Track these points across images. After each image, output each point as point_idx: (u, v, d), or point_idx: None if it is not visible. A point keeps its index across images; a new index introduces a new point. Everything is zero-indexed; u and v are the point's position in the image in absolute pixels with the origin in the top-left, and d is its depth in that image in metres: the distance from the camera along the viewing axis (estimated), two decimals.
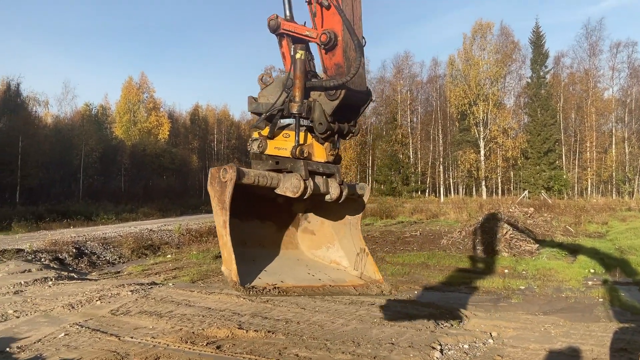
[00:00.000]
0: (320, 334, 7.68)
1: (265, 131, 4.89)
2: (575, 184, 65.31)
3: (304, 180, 4.54)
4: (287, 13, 5.18)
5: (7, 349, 7.27)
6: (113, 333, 7.87)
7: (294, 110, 4.74)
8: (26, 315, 9.25)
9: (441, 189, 68.76)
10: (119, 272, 16.04)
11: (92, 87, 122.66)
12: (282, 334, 7.69)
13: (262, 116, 5.01)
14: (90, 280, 13.70)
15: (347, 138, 5.18)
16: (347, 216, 5.49)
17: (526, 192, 55.28)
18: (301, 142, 4.75)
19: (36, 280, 12.75)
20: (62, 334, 7.82)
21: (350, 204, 5.34)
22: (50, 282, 12.65)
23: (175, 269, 15.67)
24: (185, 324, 8.40)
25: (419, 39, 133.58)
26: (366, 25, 5.06)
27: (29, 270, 14.34)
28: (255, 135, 4.98)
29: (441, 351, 6.81)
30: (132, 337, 7.64)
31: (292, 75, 4.82)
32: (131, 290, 11.20)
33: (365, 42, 4.91)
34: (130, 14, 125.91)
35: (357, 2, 4.96)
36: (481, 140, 63.71)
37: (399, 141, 72.31)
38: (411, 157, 73.66)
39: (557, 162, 65.19)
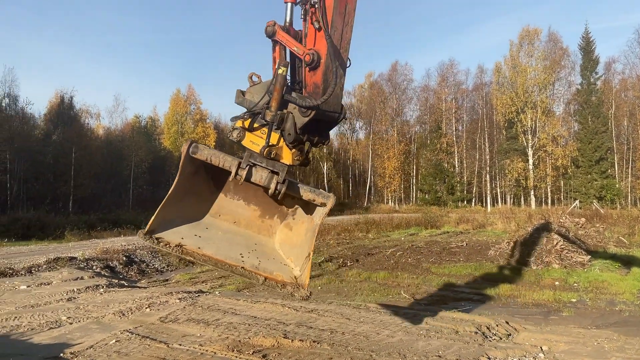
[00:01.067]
0: (366, 344, 7.63)
1: (247, 123, 5.39)
2: (629, 193, 62.98)
3: (239, 168, 5.16)
4: (288, 19, 5.60)
5: (61, 355, 7.50)
6: (162, 340, 8.03)
7: (268, 118, 5.26)
8: (79, 321, 9.53)
9: (488, 198, 67.47)
10: (167, 280, 16.38)
11: (142, 99, 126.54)
12: (328, 344, 7.68)
13: (245, 112, 5.50)
14: (139, 287, 14.02)
15: (317, 146, 5.75)
16: (310, 222, 5.76)
17: (577, 201, 53.62)
18: (273, 143, 5.30)
19: (88, 287, 13.14)
20: (113, 341, 8.02)
21: (314, 209, 5.68)
22: (102, 290, 13.01)
23: (221, 277, 15.87)
24: (232, 332, 8.49)
25: (464, 46, 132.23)
26: (409, 34, 5.25)
27: (82, 278, 14.80)
28: (238, 124, 5.44)
29: None
30: (180, 345, 7.77)
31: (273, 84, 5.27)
32: (179, 298, 11.42)
33: (350, 64, 5.43)
34: (177, 29, 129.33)
35: (348, 28, 5.39)
36: (529, 148, 62.30)
37: (444, 150, 71.49)
38: (456, 166, 72.69)
39: (609, 170, 63.00)
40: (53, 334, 8.73)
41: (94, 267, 17.29)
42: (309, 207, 5.75)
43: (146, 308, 10.47)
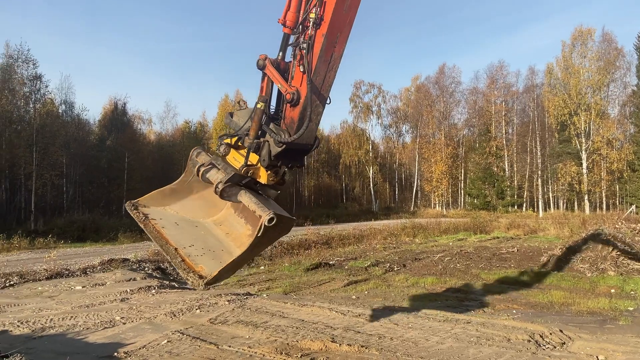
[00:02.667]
0: (414, 351, 7.53)
1: (233, 141, 6.21)
2: None
3: (220, 182, 5.96)
4: (281, 54, 6.24)
5: (115, 354, 7.71)
6: (212, 341, 8.15)
7: (246, 144, 6.04)
8: (132, 321, 9.79)
9: (540, 203, 65.58)
10: None
11: (191, 105, 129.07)
12: (376, 349, 7.61)
13: (231, 134, 6.35)
14: (189, 289, 14.29)
15: (291, 169, 6.46)
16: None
17: (633, 207, 51.44)
18: (252, 162, 6.09)
19: (140, 288, 13.48)
20: (165, 341, 8.19)
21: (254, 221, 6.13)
22: (154, 291, 13.33)
23: (268, 280, 16.01)
24: (280, 335, 8.54)
25: (514, 47, 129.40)
26: (457, 36, 5.33)
27: (134, 279, 15.20)
28: (226, 140, 6.27)
29: None
30: (229, 346, 7.87)
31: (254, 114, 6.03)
32: (228, 300, 11.57)
33: (330, 102, 6.22)
34: (225, 36, 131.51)
35: (332, 73, 6.05)
36: (583, 152, 60.26)
37: (494, 153, 69.99)
38: (506, 169, 71.00)
39: None
40: (107, 333, 9.00)
41: (146, 269, 17.73)
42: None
43: (196, 309, 10.65)
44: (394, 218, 53.75)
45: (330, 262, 19.77)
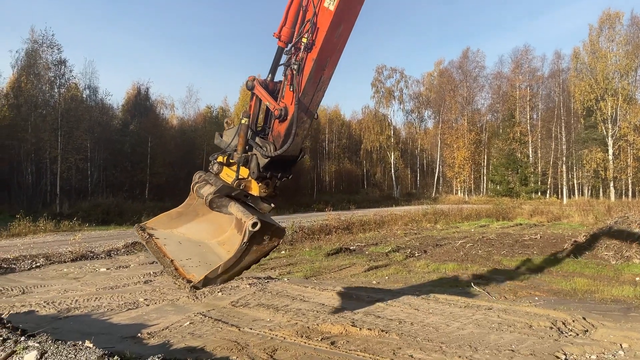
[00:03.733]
0: (435, 336, 7.51)
1: (225, 159, 6.62)
2: None
3: (209, 194, 6.36)
4: (270, 76, 6.63)
5: (139, 335, 7.85)
6: (233, 324, 8.23)
7: (235, 159, 6.45)
8: (155, 303, 9.93)
9: (564, 190, 64.71)
10: None
11: (213, 90, 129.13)
12: (396, 334, 7.61)
13: (220, 152, 6.75)
14: None
15: (282, 180, 6.75)
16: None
17: None
18: (243, 176, 6.43)
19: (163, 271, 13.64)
20: (187, 323, 8.30)
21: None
22: None
23: (289, 264, 16.08)
24: (301, 319, 8.59)
25: (540, 31, 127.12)
26: (481, 20, 5.30)
27: (156, 262, 15.37)
28: (219, 159, 6.67)
29: None
30: (251, 329, 7.94)
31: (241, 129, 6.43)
32: (249, 284, 11.67)
33: (317, 117, 6.75)
34: (247, 20, 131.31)
35: (320, 93, 6.38)
36: (609, 138, 59.14)
37: (517, 139, 69.08)
38: (530, 156, 70.08)
39: None
40: (131, 314, 9.15)
41: None
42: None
43: (218, 292, 10.77)
44: (415, 204, 53.54)
45: (351, 248, 19.78)
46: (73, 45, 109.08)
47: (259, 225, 5.98)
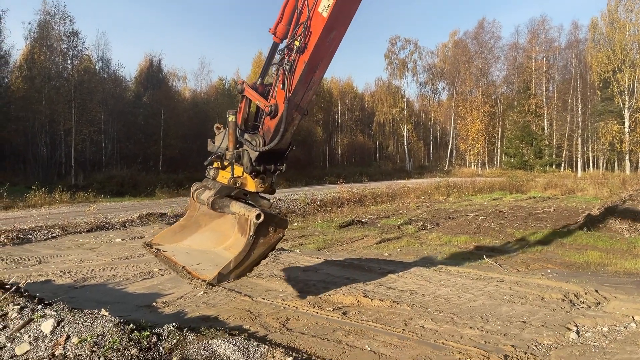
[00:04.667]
0: (447, 307, 7.55)
1: (220, 164, 6.96)
2: None
3: (210, 196, 6.68)
4: (260, 80, 6.93)
5: (154, 304, 7.96)
6: (247, 294, 8.32)
7: (228, 157, 6.75)
8: (169, 273, 10.04)
9: (579, 163, 64.04)
10: None
11: (225, 62, 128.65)
12: (407, 304, 7.66)
13: (213, 155, 7.05)
14: None
15: (276, 174, 6.96)
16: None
17: None
18: (238, 174, 6.74)
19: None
20: (201, 292, 8.40)
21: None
22: None
23: (301, 236, 16.19)
24: (312, 289, 8.66)
25: (557, 1, 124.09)
26: None
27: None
28: (215, 164, 7.04)
29: (577, 333, 6.40)
30: (264, 299, 8.03)
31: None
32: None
33: (307, 113, 6.85)
34: None
35: (311, 92, 6.57)
36: (626, 110, 58.13)
37: (532, 111, 68.19)
38: (545, 128, 69.26)
39: None
40: (146, 284, 9.28)
41: None
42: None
43: None
44: (427, 177, 53.42)
45: (363, 220, 19.84)
46: (85, 16, 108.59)
47: (262, 217, 6.17)
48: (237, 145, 6.76)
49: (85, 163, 45.79)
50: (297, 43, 6.13)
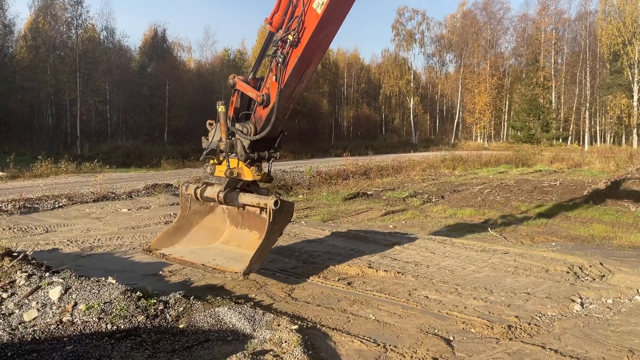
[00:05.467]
0: (451, 278, 7.59)
1: (216, 160, 7.16)
2: None
3: (198, 186, 7.13)
4: (252, 74, 7.16)
5: (160, 272, 8.05)
6: None
7: (222, 147, 6.94)
8: None
9: (586, 136, 63.57)
10: None
11: (231, 33, 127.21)
12: (412, 275, 7.70)
13: (207, 150, 7.28)
14: None
15: (270, 162, 7.26)
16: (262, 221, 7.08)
17: None
18: (234, 166, 6.97)
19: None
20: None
21: (261, 215, 7.29)
22: None
23: (307, 208, 16.21)
24: (317, 260, 8.71)
25: None
26: None
27: (177, 204, 15.57)
28: (212, 162, 7.24)
29: (582, 304, 6.43)
30: (268, 269, 8.08)
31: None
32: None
33: (299, 102, 7.24)
34: None
35: (302, 85, 6.77)
36: (635, 83, 57.37)
37: (540, 84, 67.36)
38: (553, 101, 68.56)
39: None
40: None
41: None
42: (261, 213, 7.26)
43: None
44: (433, 150, 53.24)
45: (368, 193, 19.84)
46: None
47: (279, 203, 6.57)
48: (230, 135, 6.95)
49: (91, 133, 45.81)
50: (290, 37, 6.17)
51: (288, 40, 6.23)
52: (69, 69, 42.96)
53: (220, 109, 6.85)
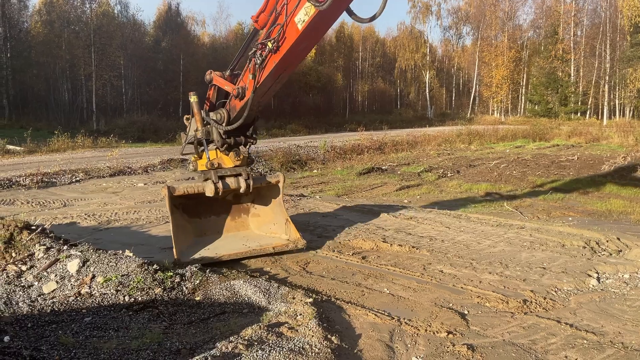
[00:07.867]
0: (466, 253, 7.56)
1: (197, 156, 7.48)
2: None
3: (215, 183, 7.08)
4: (229, 71, 7.45)
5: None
6: None
7: (199, 136, 7.27)
8: None
9: (605, 110, 62.51)
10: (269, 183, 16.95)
11: (244, 5, 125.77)
12: (427, 250, 7.69)
13: (185, 143, 7.87)
14: None
15: (247, 147, 7.49)
16: (273, 199, 8.08)
17: None
18: (212, 157, 7.22)
19: None
20: None
21: (272, 190, 7.99)
22: None
23: (321, 183, 16.22)
24: (331, 234, 8.73)
25: None
26: None
27: (192, 178, 15.68)
28: (192, 158, 7.61)
29: (598, 279, 6.38)
30: None
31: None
32: (283, 200, 11.81)
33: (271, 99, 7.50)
34: None
35: (277, 84, 6.88)
36: None
37: (559, 57, 66.09)
38: (572, 75, 67.32)
39: None
40: (168, 227, 9.39)
41: None
42: (263, 192, 8.00)
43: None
44: (449, 125, 52.72)
45: (383, 167, 19.78)
46: None
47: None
48: (205, 123, 7.26)
49: (107, 108, 46.03)
50: (269, 45, 6.18)
51: (267, 47, 6.25)
52: (84, 44, 43.02)
53: (193, 99, 7.24)
